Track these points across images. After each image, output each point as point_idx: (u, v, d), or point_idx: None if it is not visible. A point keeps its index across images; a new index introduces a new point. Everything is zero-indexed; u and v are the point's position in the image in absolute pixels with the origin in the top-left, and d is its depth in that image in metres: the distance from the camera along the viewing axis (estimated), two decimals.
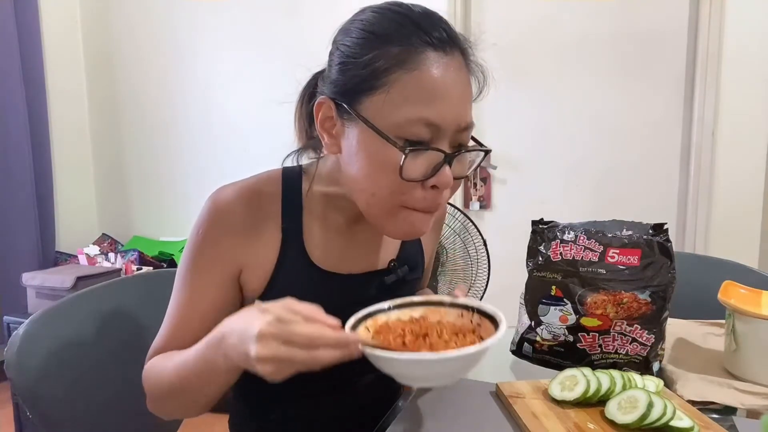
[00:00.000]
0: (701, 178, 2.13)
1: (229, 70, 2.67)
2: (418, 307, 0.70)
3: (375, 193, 0.63)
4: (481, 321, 0.66)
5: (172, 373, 0.64)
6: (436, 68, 0.60)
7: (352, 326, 0.62)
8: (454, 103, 0.61)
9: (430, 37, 0.60)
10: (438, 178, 0.61)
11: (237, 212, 0.69)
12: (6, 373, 0.78)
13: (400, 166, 0.59)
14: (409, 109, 0.59)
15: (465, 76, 0.65)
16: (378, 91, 0.60)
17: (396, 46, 0.60)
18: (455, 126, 0.61)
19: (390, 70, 0.59)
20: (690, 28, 2.13)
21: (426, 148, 0.60)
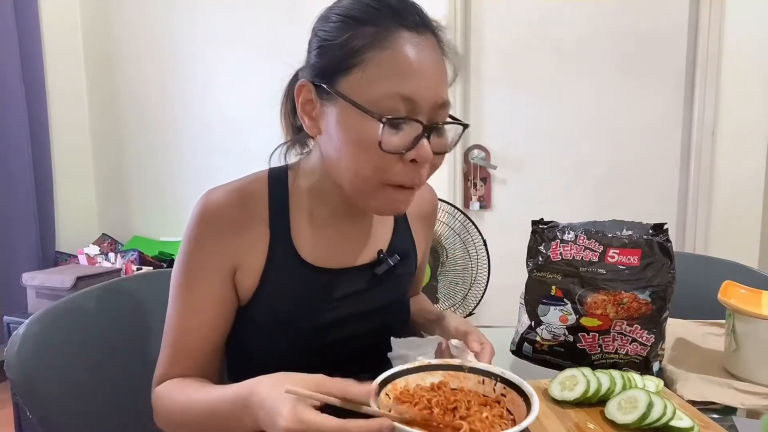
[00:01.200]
0: (701, 178, 2.13)
1: (229, 71, 2.66)
2: (436, 371, 0.70)
3: (358, 171, 0.64)
4: (505, 391, 0.65)
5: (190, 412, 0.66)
6: (409, 47, 0.62)
7: (374, 394, 0.62)
8: (428, 79, 0.63)
9: (404, 19, 0.63)
10: (417, 151, 0.63)
11: (227, 213, 0.71)
12: (6, 373, 0.77)
13: (379, 137, 0.61)
14: (385, 84, 0.61)
15: (438, 56, 0.66)
16: (354, 70, 0.62)
17: (371, 27, 0.62)
18: (431, 102, 0.63)
19: (365, 49, 0.62)
20: (690, 28, 2.13)
21: (404, 119, 0.62)
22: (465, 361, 0.71)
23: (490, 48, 2.35)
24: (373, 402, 0.60)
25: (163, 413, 0.71)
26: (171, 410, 0.69)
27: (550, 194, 2.36)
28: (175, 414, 0.69)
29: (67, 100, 2.89)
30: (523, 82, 2.33)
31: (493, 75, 2.36)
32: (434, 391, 0.66)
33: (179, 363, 0.72)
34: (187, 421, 0.68)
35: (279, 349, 0.75)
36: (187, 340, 0.72)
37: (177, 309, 0.73)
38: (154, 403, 0.72)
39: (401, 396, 0.65)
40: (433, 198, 0.93)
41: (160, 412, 0.72)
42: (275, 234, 0.73)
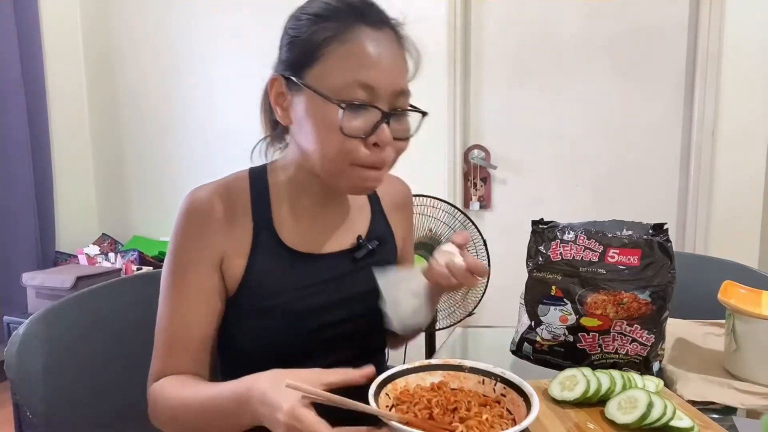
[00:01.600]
0: (701, 178, 2.13)
1: (228, 71, 2.66)
2: (436, 371, 0.70)
3: (325, 154, 0.69)
4: (505, 391, 0.66)
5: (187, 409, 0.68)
6: (367, 40, 0.68)
7: (374, 393, 0.62)
8: (386, 68, 0.69)
9: (364, 16, 0.69)
10: (378, 136, 0.68)
11: (211, 207, 0.75)
12: (6, 373, 0.78)
13: (340, 122, 0.66)
14: (345, 74, 0.67)
15: (396, 49, 0.72)
16: (319, 62, 0.68)
17: (333, 23, 0.69)
18: (390, 89, 0.69)
19: (328, 42, 0.68)
20: (690, 28, 2.13)
21: (363, 106, 0.67)
22: (465, 361, 0.71)
23: (490, 48, 2.35)
24: (373, 401, 0.60)
25: (159, 411, 0.72)
26: (167, 408, 0.71)
27: (550, 194, 2.36)
28: (172, 411, 0.70)
29: (67, 100, 2.89)
30: (523, 82, 2.33)
31: (493, 75, 2.36)
32: (434, 391, 0.66)
33: (174, 357, 0.74)
34: (183, 419, 0.69)
35: (268, 338, 0.75)
36: (181, 332, 0.74)
37: (169, 304, 0.75)
38: (150, 401, 0.73)
39: (401, 396, 0.66)
40: (405, 189, 0.97)
41: (156, 409, 0.73)
42: (258, 223, 0.77)
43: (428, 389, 0.68)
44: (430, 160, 2.39)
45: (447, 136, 2.35)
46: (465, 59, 2.36)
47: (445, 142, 2.35)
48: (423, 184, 1.94)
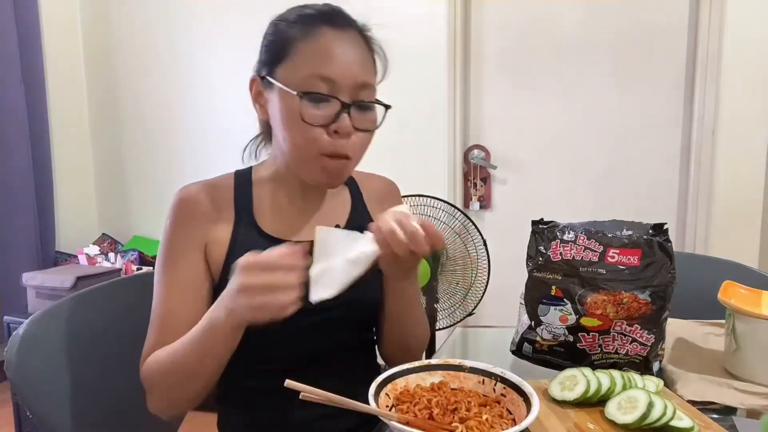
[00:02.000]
0: (701, 178, 2.13)
1: (228, 71, 2.66)
2: (436, 371, 0.70)
3: (293, 140, 0.75)
4: (505, 391, 0.66)
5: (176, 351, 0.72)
6: (330, 38, 0.75)
7: (374, 393, 0.62)
8: (347, 63, 0.74)
9: (329, 19, 0.76)
10: (338, 124, 0.73)
11: (199, 200, 0.81)
12: (6, 373, 0.78)
13: (299, 111, 0.72)
14: (308, 68, 0.73)
15: (359, 47, 0.78)
16: (286, 60, 0.75)
17: (300, 26, 0.76)
18: (351, 82, 0.74)
19: (294, 42, 0.75)
20: (690, 28, 2.13)
21: (322, 95, 0.73)
22: (465, 361, 0.71)
23: (490, 48, 2.35)
24: (373, 401, 0.60)
25: (153, 377, 0.75)
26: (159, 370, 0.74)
27: (550, 194, 2.36)
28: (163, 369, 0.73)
29: (67, 99, 2.89)
30: (523, 82, 2.33)
31: (493, 75, 2.36)
32: (434, 392, 0.66)
33: (164, 339, 0.76)
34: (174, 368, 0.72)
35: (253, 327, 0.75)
36: (172, 318, 0.77)
37: (161, 291, 0.79)
38: (144, 378, 0.76)
39: (401, 396, 0.66)
40: (390, 184, 0.99)
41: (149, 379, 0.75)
42: (239, 214, 0.83)
43: (428, 389, 0.68)
44: (430, 160, 2.39)
45: (447, 136, 2.35)
46: (465, 59, 2.36)
47: (445, 142, 2.35)
48: (423, 184, 1.94)
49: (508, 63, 2.34)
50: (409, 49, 2.30)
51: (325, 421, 0.82)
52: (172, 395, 0.75)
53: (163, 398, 0.76)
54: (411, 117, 2.34)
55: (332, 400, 0.59)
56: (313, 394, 0.58)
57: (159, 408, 0.77)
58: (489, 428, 0.59)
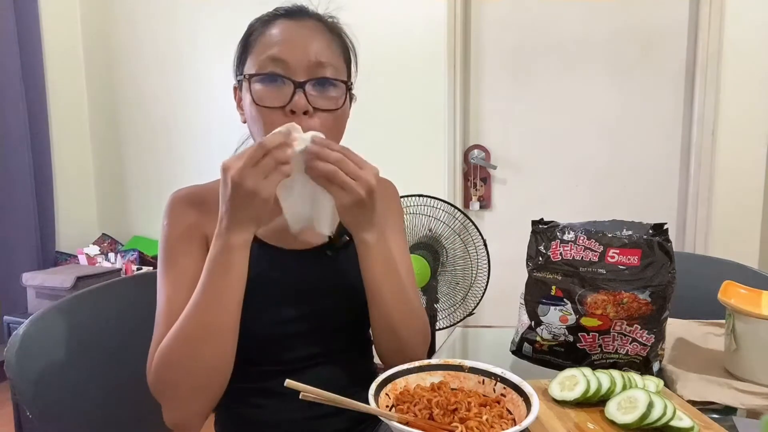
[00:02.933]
0: (701, 178, 2.13)
1: (229, 71, 2.66)
2: (436, 371, 0.70)
3: (257, 129, 0.75)
4: (505, 391, 0.66)
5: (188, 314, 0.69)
6: (283, 26, 0.77)
7: (374, 393, 0.62)
8: (298, 44, 0.75)
9: (286, 12, 0.79)
10: (292, 104, 0.73)
11: (193, 198, 0.82)
12: (6, 373, 0.78)
13: (251, 94, 0.74)
14: (261, 53, 0.75)
15: (317, 30, 0.78)
16: (248, 54, 0.78)
17: (260, 22, 0.79)
18: (304, 61, 0.74)
19: (253, 36, 0.78)
20: (690, 28, 2.13)
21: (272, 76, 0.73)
22: (465, 361, 0.71)
23: (490, 48, 2.35)
24: (373, 401, 0.60)
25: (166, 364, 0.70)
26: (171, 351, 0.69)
27: (550, 194, 2.36)
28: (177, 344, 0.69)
29: (67, 100, 2.89)
30: (523, 82, 2.33)
31: (493, 75, 2.36)
32: (434, 392, 0.66)
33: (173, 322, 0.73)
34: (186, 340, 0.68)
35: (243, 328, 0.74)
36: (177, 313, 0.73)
37: (166, 289, 0.77)
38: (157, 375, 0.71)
39: (401, 396, 0.66)
40: (387, 185, 0.98)
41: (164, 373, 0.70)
42: None
43: (428, 389, 0.67)
44: (430, 160, 2.39)
45: (447, 136, 2.35)
46: (465, 59, 2.36)
47: (445, 142, 2.36)
48: (423, 184, 1.94)
49: (508, 63, 2.34)
50: (409, 49, 2.31)
51: (323, 420, 0.82)
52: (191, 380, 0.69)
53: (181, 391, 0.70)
54: (411, 117, 2.35)
55: (332, 400, 0.59)
56: (313, 394, 0.57)
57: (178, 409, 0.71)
58: (489, 428, 0.59)
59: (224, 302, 0.68)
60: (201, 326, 0.68)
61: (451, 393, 0.66)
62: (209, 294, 0.68)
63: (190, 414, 0.72)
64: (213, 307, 0.68)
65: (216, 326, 0.69)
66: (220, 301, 0.68)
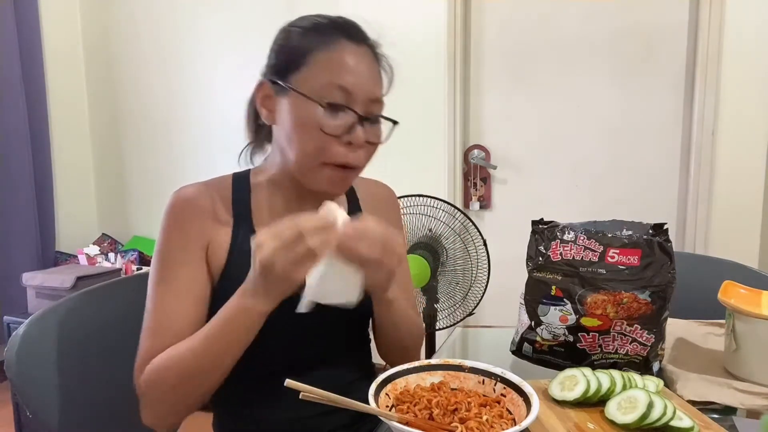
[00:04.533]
0: (701, 178, 2.13)
1: (229, 71, 2.67)
2: (436, 371, 0.70)
3: (303, 150, 0.75)
4: (505, 391, 0.66)
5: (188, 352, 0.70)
6: (347, 50, 0.75)
7: (374, 393, 0.62)
8: (363, 76, 0.76)
9: (346, 32, 0.77)
10: (352, 135, 0.74)
11: (196, 202, 0.80)
12: (6, 373, 0.78)
13: (320, 120, 0.73)
14: (327, 77, 0.74)
15: (372, 63, 0.79)
16: (303, 68, 0.75)
17: (316, 35, 0.76)
18: (365, 95, 0.75)
19: (313, 50, 0.75)
20: (690, 28, 2.13)
21: (341, 107, 0.74)
22: (465, 361, 0.71)
23: (490, 48, 2.35)
24: (373, 401, 0.60)
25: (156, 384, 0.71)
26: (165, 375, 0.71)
27: (550, 194, 2.36)
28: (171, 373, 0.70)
29: (67, 99, 2.89)
30: (523, 82, 2.33)
31: (493, 75, 2.36)
32: (434, 392, 0.66)
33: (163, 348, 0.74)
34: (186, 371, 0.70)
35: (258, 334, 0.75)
36: (172, 324, 0.75)
37: (158, 297, 0.76)
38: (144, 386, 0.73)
39: (401, 396, 0.66)
40: (388, 192, 1.00)
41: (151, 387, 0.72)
42: (237, 219, 0.82)
43: (428, 389, 0.67)
44: (430, 160, 2.39)
45: (447, 136, 2.35)
46: (465, 59, 2.36)
47: (445, 142, 2.36)
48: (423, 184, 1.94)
49: (508, 63, 2.34)
50: (409, 49, 2.31)
51: (322, 418, 0.82)
52: (175, 401, 0.72)
53: (163, 406, 0.73)
54: (411, 117, 2.34)
55: (332, 400, 0.59)
56: (313, 394, 0.57)
57: (157, 419, 0.75)
58: (489, 428, 0.59)
59: (232, 352, 0.70)
60: (202, 367, 0.70)
61: (451, 393, 0.66)
62: (219, 343, 0.69)
63: (168, 423, 0.76)
64: (220, 355, 0.70)
65: (217, 368, 0.71)
66: (229, 351, 0.70)
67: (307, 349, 0.83)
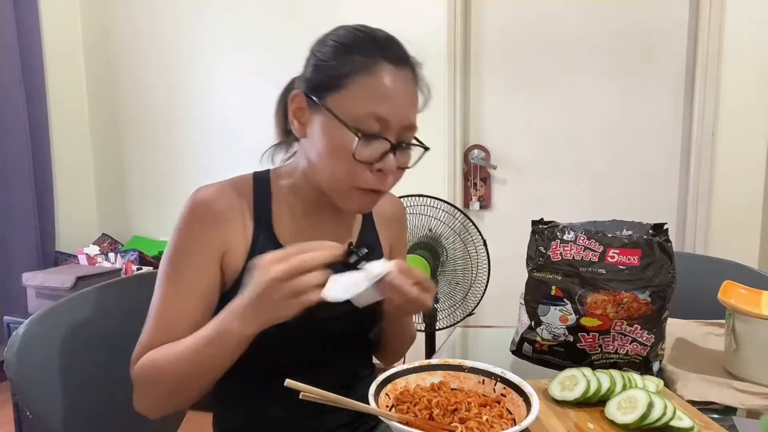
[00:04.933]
0: (701, 178, 2.13)
1: (229, 71, 2.66)
2: (436, 371, 0.70)
3: (334, 171, 0.75)
4: (505, 391, 0.66)
5: (176, 356, 0.70)
6: (388, 76, 0.73)
7: (374, 393, 0.62)
8: (400, 103, 0.75)
9: (388, 53, 0.75)
10: (384, 163, 0.74)
11: (217, 203, 0.78)
12: (6, 373, 0.78)
13: (353, 149, 0.72)
14: (365, 105, 0.72)
15: (412, 88, 0.78)
16: (342, 90, 0.73)
17: (360, 56, 0.73)
18: (401, 124, 0.75)
19: (353, 74, 0.73)
20: (690, 28, 2.13)
21: (376, 136, 0.73)
22: (465, 361, 0.71)
23: (490, 48, 2.35)
24: (373, 401, 0.60)
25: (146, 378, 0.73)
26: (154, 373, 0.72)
27: (550, 194, 2.36)
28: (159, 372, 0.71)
29: (67, 100, 2.89)
30: (523, 82, 2.33)
31: (493, 75, 2.36)
32: (434, 392, 0.66)
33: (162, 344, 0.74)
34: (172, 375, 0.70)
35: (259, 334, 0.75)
36: (175, 321, 0.75)
37: (165, 292, 0.76)
38: (136, 377, 0.74)
39: (401, 396, 0.66)
40: (399, 206, 1.02)
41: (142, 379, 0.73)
42: (258, 223, 0.81)
43: (428, 389, 0.68)
44: (430, 160, 2.36)
45: (447, 136, 2.35)
46: (465, 59, 2.36)
47: (445, 142, 2.35)
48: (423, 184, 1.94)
49: (508, 63, 2.34)
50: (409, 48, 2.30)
51: (321, 417, 0.82)
52: (164, 398, 0.73)
53: (153, 400, 0.75)
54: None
55: (332, 400, 0.59)
56: (313, 394, 0.58)
57: (147, 409, 0.75)
58: (489, 428, 0.59)
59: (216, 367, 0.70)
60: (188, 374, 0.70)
61: (451, 393, 0.66)
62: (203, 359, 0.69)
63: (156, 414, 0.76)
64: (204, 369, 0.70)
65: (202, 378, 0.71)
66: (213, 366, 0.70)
67: (308, 350, 0.83)
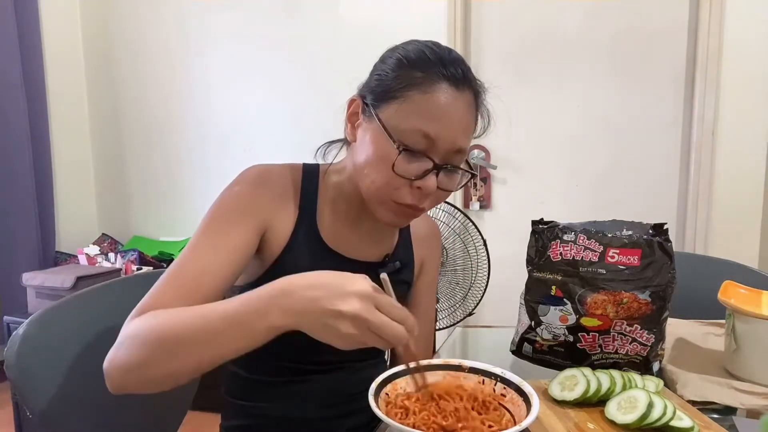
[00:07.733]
0: (701, 178, 2.13)
1: (229, 70, 2.66)
2: (435, 370, 0.70)
3: (374, 180, 0.75)
4: (505, 391, 0.66)
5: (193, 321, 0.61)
6: (444, 97, 0.72)
7: (374, 393, 0.62)
8: (452, 127, 0.73)
9: (448, 73, 0.74)
10: (424, 182, 0.73)
11: (272, 177, 0.81)
12: (6, 373, 0.78)
13: (393, 160, 0.71)
14: (414, 121, 0.71)
15: (468, 110, 0.76)
16: (396, 102, 0.73)
17: (420, 72, 0.73)
18: (448, 146, 0.73)
19: (409, 88, 0.72)
20: (690, 28, 2.13)
21: (420, 153, 0.72)
22: (465, 361, 0.71)
23: (490, 48, 2.35)
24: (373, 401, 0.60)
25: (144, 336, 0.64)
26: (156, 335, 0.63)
27: (550, 194, 2.36)
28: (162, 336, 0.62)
29: (67, 100, 2.89)
30: (523, 82, 2.33)
31: (493, 75, 2.36)
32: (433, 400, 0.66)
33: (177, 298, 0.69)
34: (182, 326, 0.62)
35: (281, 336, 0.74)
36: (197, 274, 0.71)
37: (196, 244, 0.73)
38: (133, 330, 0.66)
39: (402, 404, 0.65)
40: (434, 228, 1.02)
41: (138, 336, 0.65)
42: (302, 212, 0.83)
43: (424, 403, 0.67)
44: None
45: None
46: (465, 59, 2.35)
47: None
48: None
49: (508, 63, 2.33)
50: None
51: (339, 420, 0.83)
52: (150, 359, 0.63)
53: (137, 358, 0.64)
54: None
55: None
56: None
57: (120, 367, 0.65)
58: (489, 428, 0.59)
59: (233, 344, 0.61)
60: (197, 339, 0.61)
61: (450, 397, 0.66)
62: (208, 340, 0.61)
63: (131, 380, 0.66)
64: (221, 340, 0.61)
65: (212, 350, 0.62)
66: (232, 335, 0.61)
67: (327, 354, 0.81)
